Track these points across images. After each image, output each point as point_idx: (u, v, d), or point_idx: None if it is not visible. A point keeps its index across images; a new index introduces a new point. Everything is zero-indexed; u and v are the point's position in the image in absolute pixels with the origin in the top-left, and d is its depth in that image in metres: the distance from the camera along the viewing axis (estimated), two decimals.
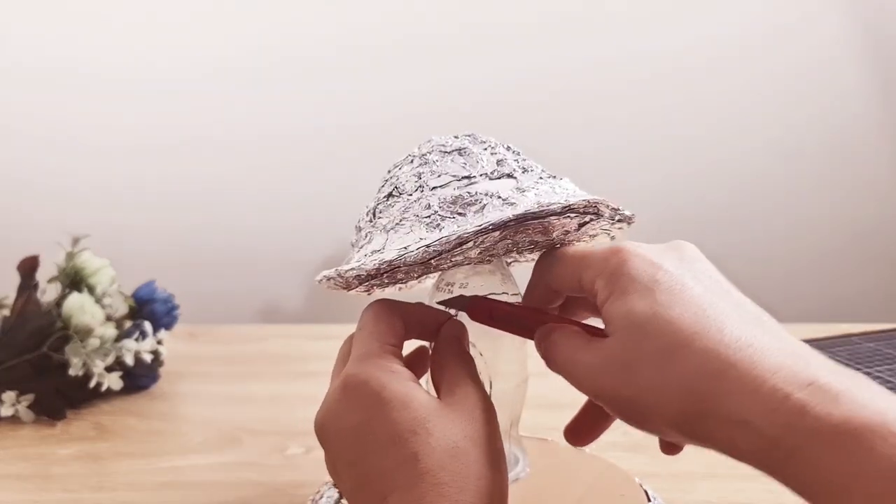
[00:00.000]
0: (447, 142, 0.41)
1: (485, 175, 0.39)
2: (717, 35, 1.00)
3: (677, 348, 0.29)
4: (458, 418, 0.33)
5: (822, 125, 1.03)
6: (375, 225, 0.39)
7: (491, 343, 0.41)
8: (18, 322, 0.66)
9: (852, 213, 1.06)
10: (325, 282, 0.39)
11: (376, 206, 0.40)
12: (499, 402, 0.40)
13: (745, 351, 0.28)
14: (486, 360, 0.41)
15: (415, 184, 0.39)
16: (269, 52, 0.97)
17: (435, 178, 0.39)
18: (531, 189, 0.38)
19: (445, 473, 0.30)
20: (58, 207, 0.97)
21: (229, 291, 1.00)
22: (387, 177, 0.42)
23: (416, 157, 0.41)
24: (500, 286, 0.42)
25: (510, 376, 0.43)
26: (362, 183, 1.03)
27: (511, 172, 0.39)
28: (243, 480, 0.53)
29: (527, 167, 0.40)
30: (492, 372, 0.41)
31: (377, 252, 0.37)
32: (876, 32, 1.02)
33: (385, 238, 0.38)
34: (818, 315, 0.97)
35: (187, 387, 0.72)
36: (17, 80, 0.95)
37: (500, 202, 0.37)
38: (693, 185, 1.03)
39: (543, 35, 0.98)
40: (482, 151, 0.40)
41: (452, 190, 0.38)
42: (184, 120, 0.97)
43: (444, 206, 0.37)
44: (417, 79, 0.98)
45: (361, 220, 0.41)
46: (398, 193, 0.39)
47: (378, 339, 0.36)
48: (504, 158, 0.40)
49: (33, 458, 0.57)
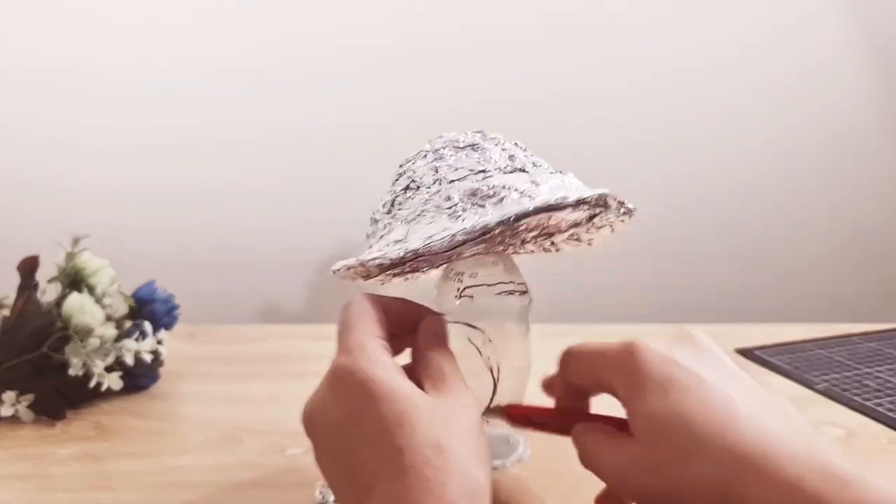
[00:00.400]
0: (459, 138, 0.43)
1: (499, 169, 0.41)
2: (716, 35, 1.00)
3: (697, 448, 0.31)
4: (443, 413, 0.33)
5: (823, 125, 1.03)
6: (395, 216, 0.41)
7: (498, 329, 0.43)
8: (18, 322, 0.66)
9: (852, 213, 1.06)
10: (345, 271, 0.40)
11: (394, 198, 0.42)
12: (504, 386, 0.42)
13: (761, 443, 0.30)
14: (494, 346, 0.43)
15: (432, 177, 0.41)
16: (270, 52, 0.97)
17: (452, 172, 0.40)
18: (544, 182, 0.40)
19: (430, 469, 0.31)
20: (58, 207, 0.97)
21: (229, 291, 1.00)
22: (400, 171, 0.44)
23: (430, 153, 0.42)
24: (506, 276, 0.43)
25: (515, 361, 0.44)
26: (362, 183, 1.04)
27: (523, 167, 0.41)
28: (243, 480, 0.53)
29: (535, 162, 0.42)
30: (499, 356, 0.43)
31: (400, 242, 0.39)
32: (876, 32, 1.02)
33: (406, 228, 0.39)
34: (818, 315, 0.97)
35: (187, 387, 0.72)
36: (16, 80, 0.95)
37: (518, 194, 0.39)
38: (693, 185, 1.03)
39: (542, 35, 0.98)
40: (493, 147, 0.42)
41: (470, 183, 0.40)
42: (184, 120, 0.97)
43: (464, 197, 0.39)
44: (418, 79, 0.98)
45: (377, 213, 0.43)
46: (416, 186, 0.41)
47: (364, 331, 0.36)
48: (514, 154, 0.42)
49: (33, 458, 0.57)
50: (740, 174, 1.04)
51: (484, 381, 0.43)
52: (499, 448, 0.46)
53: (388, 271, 0.40)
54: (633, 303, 1.05)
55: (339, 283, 0.42)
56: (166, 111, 0.97)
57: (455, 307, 0.43)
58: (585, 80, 0.99)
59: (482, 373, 0.43)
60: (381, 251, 0.39)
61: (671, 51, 0.99)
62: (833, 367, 0.73)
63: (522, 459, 0.46)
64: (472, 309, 0.42)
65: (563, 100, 0.99)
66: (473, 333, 0.43)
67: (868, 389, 0.67)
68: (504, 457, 0.45)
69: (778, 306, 1.06)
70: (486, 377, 0.43)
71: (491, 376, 0.43)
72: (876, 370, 0.72)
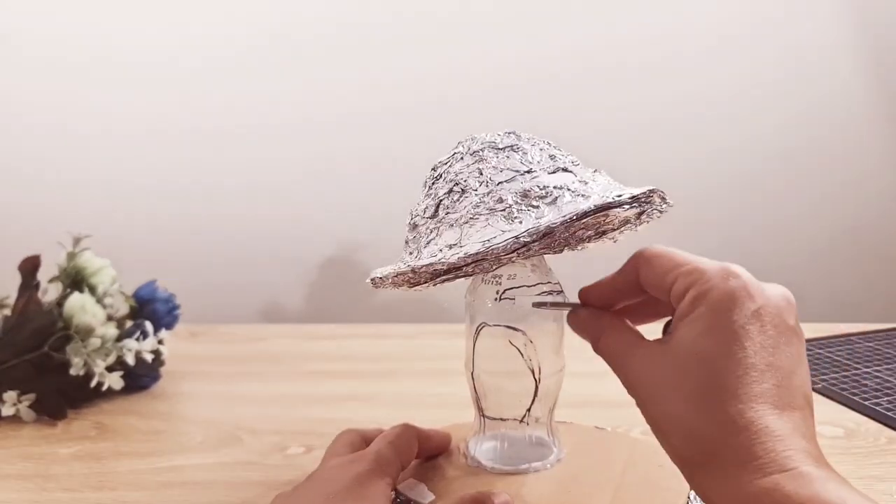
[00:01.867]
0: (496, 139, 0.42)
1: (543, 169, 0.40)
2: (707, 32, 1.00)
3: (709, 404, 0.32)
4: None
5: (823, 124, 1.03)
6: (442, 220, 0.40)
7: (538, 333, 0.43)
8: (20, 322, 0.66)
9: (851, 213, 1.06)
10: (392, 279, 0.40)
11: (439, 202, 0.41)
12: (544, 387, 0.43)
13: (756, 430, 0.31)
14: (535, 347, 0.43)
15: (477, 179, 0.40)
16: (272, 47, 0.97)
17: (498, 174, 0.40)
18: (590, 181, 0.40)
19: None
20: (59, 207, 0.97)
21: (230, 291, 1.00)
22: (435, 174, 0.43)
23: (467, 155, 0.42)
24: (543, 277, 0.43)
25: (552, 364, 0.44)
26: (363, 183, 1.04)
27: (565, 167, 0.41)
28: (243, 480, 0.53)
29: (573, 160, 0.42)
30: (540, 358, 0.43)
31: (455, 246, 0.38)
32: (876, 31, 1.02)
33: (458, 232, 0.39)
34: (818, 315, 0.97)
35: (188, 386, 0.72)
36: (16, 80, 0.95)
37: (571, 194, 0.38)
38: (692, 185, 1.03)
39: (525, 23, 0.98)
40: (531, 147, 0.41)
41: (520, 184, 0.39)
42: (185, 121, 0.97)
43: (517, 199, 0.38)
44: (419, 77, 0.98)
45: (418, 217, 0.42)
46: (461, 190, 0.40)
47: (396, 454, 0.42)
48: (554, 154, 0.41)
49: (34, 457, 0.57)
50: (737, 172, 1.04)
51: (525, 383, 0.44)
52: (535, 452, 0.46)
53: (442, 277, 0.40)
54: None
55: (339, 283, 0.42)
56: (167, 111, 0.97)
57: (493, 310, 0.43)
58: (574, 69, 0.98)
59: (523, 375, 0.43)
60: (433, 256, 0.38)
61: (662, 45, 0.99)
62: (832, 367, 0.73)
63: (560, 460, 0.46)
64: (514, 310, 0.42)
65: (547, 88, 0.99)
66: (514, 335, 0.43)
67: (867, 389, 0.67)
68: (542, 459, 0.45)
69: None
70: (527, 379, 0.44)
71: (533, 378, 0.43)
72: (874, 370, 0.72)
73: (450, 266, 0.37)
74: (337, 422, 0.47)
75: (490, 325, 0.43)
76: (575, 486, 0.43)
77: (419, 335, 0.87)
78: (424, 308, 0.98)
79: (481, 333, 0.44)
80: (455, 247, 0.38)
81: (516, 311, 0.43)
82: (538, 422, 0.45)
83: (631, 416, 0.38)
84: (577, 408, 0.54)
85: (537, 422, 0.45)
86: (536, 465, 0.45)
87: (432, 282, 0.40)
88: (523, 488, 0.43)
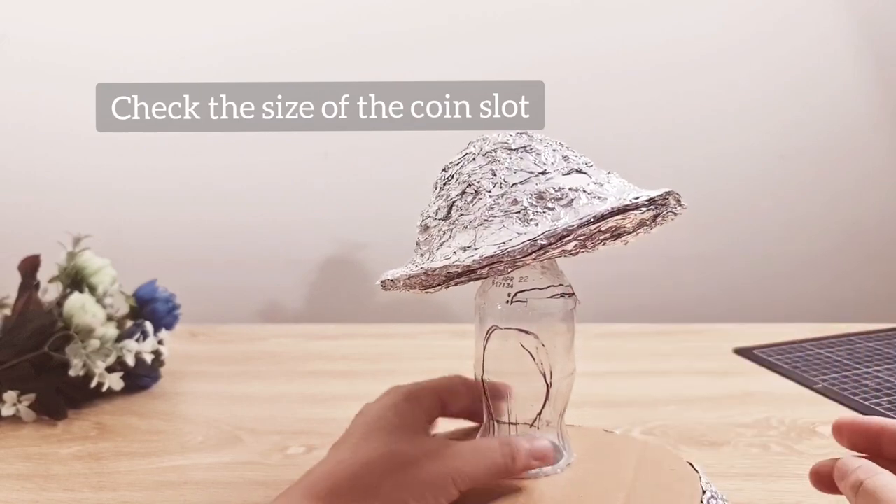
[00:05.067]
0: (508, 139, 0.41)
1: (557, 171, 0.39)
2: (709, 33, 1.00)
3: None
4: None
5: (822, 124, 1.03)
6: (455, 222, 0.39)
7: (550, 336, 0.43)
8: (19, 322, 0.66)
9: (851, 213, 1.06)
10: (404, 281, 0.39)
11: (451, 203, 0.40)
12: (555, 391, 0.42)
13: None
14: (547, 350, 0.42)
15: (491, 181, 0.39)
16: (269, 48, 0.97)
17: (512, 175, 0.39)
18: (605, 183, 0.39)
19: None
20: (59, 207, 0.97)
21: (230, 291, 1.00)
22: (446, 175, 0.42)
23: (478, 156, 0.41)
24: (555, 279, 0.43)
25: (564, 367, 0.44)
26: (363, 183, 1.03)
27: (580, 168, 0.40)
28: (243, 480, 0.53)
29: (587, 162, 0.41)
30: (551, 361, 0.43)
31: (469, 248, 0.37)
32: (880, 38, 1.02)
33: (473, 234, 0.38)
34: (818, 315, 0.97)
35: (188, 386, 0.72)
36: (15, 80, 0.95)
37: (587, 196, 0.38)
38: (692, 185, 1.03)
39: (527, 28, 0.98)
40: (544, 148, 0.41)
41: (534, 185, 0.39)
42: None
43: (532, 201, 0.38)
44: (423, 79, 0.98)
45: (429, 219, 0.41)
46: (475, 191, 0.39)
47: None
48: (567, 155, 0.41)
49: (34, 457, 0.57)
50: (739, 173, 1.04)
51: (536, 387, 0.43)
52: None
53: (455, 280, 0.39)
54: (632, 302, 1.05)
55: (338, 283, 0.42)
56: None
57: (505, 312, 0.43)
58: (576, 73, 0.99)
59: (535, 378, 0.43)
60: (447, 258, 0.38)
61: (664, 48, 0.99)
62: (832, 367, 0.73)
63: (570, 464, 0.45)
64: (526, 313, 0.42)
65: (554, 94, 0.99)
66: (525, 338, 0.43)
67: (867, 389, 0.67)
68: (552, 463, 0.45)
69: (777, 306, 1.06)
70: (538, 382, 0.43)
71: (544, 381, 0.43)
72: (875, 370, 0.72)
73: (464, 269, 0.37)
74: (337, 422, 0.47)
75: (501, 327, 0.42)
76: (586, 490, 0.43)
77: (419, 335, 0.87)
78: (424, 308, 0.98)
79: (492, 336, 0.44)
80: (469, 249, 0.37)
81: (528, 313, 0.42)
82: (549, 425, 0.45)
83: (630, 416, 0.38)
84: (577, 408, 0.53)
85: (548, 425, 0.45)
86: (547, 470, 0.44)
87: (445, 284, 0.40)
88: (534, 492, 0.43)
